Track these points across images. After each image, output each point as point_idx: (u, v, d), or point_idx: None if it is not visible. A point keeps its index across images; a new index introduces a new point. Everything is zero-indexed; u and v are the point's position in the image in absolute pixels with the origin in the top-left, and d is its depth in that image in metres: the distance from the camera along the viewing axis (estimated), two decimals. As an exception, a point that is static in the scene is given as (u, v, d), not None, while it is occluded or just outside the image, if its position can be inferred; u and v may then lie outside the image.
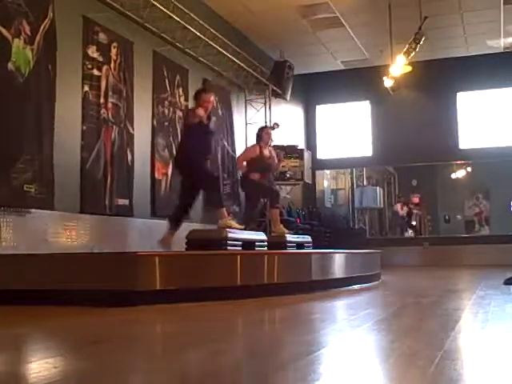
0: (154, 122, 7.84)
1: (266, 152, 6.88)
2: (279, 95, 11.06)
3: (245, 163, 6.91)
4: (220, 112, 9.53)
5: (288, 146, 10.95)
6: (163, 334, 3.05)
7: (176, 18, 7.49)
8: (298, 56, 11.32)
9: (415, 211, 15.78)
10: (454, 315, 3.48)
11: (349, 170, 15.06)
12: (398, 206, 15.64)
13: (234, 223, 5.44)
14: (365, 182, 15.77)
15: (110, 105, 6.91)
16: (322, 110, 13.84)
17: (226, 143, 9.66)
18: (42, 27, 5.91)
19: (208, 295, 4.10)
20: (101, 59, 6.81)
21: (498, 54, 11.87)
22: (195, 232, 5.33)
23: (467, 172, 15.48)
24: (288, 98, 11.29)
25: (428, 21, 8.70)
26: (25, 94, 5.70)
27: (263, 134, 6.93)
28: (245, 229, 6.04)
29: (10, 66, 5.55)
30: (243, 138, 10.33)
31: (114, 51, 7.06)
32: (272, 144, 7.28)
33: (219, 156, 9.38)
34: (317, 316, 3.78)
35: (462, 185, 15.58)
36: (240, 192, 8.51)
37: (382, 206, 15.78)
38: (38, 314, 3.70)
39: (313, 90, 13.46)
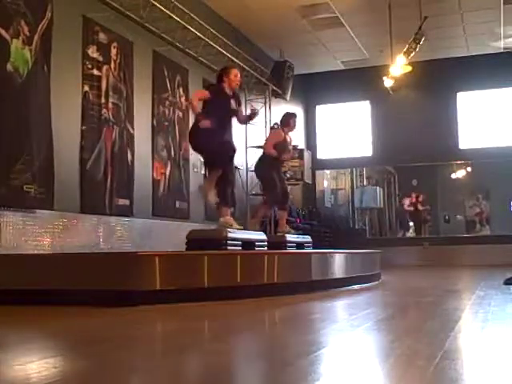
0: (154, 122, 7.84)
1: (288, 138, 6.89)
2: (279, 95, 11.06)
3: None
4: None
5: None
6: (163, 334, 3.05)
7: (176, 18, 7.48)
8: (297, 56, 11.32)
9: (421, 207, 15.76)
10: (453, 315, 3.48)
11: (349, 170, 15.06)
12: (407, 202, 15.58)
13: (234, 223, 5.42)
14: (365, 182, 15.76)
15: (110, 105, 6.91)
16: (322, 110, 13.84)
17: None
18: (39, 27, 5.91)
19: (208, 295, 4.10)
20: (101, 59, 6.81)
21: (498, 53, 11.87)
22: (195, 232, 5.33)
23: (467, 172, 15.46)
24: (288, 97, 11.29)
25: (428, 21, 8.70)
26: (24, 94, 5.70)
27: (291, 120, 6.89)
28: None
29: (9, 66, 5.55)
30: (243, 138, 10.32)
31: (113, 51, 7.06)
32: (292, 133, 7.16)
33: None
34: (317, 316, 3.78)
35: (462, 185, 15.56)
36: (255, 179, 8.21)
37: (382, 205, 15.77)
38: (38, 313, 3.70)
39: (313, 90, 13.46)
